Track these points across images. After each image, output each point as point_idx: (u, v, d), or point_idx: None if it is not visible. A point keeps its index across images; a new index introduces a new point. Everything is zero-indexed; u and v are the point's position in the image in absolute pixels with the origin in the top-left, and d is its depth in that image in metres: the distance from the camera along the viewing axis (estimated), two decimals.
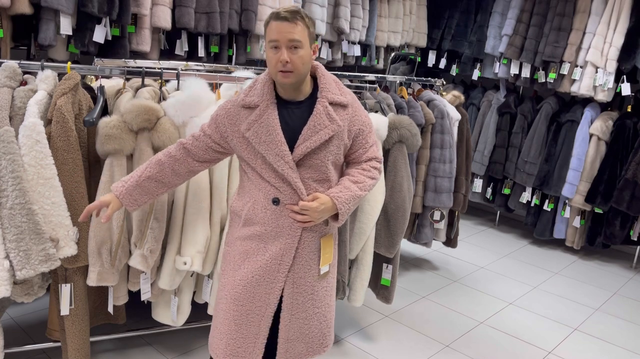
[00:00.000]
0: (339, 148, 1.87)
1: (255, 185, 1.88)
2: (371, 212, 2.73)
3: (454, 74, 5.57)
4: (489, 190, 5.14)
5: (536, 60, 4.68)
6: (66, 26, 3.02)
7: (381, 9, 4.97)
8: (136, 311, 2.88)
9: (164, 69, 2.55)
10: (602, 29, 4.32)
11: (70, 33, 3.06)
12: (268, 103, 1.82)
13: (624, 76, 4.31)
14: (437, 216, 3.50)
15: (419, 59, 5.20)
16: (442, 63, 5.54)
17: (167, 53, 3.75)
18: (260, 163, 1.83)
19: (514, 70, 4.84)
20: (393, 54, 5.02)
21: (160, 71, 2.52)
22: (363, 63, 5.03)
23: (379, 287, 3.04)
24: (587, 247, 4.73)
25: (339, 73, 3.05)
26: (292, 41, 1.72)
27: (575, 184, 4.47)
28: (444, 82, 3.85)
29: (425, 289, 3.81)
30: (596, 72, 4.37)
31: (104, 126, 2.20)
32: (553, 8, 4.62)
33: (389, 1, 5.06)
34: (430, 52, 5.60)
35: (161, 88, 2.52)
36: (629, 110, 4.38)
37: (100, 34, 3.18)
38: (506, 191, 5.00)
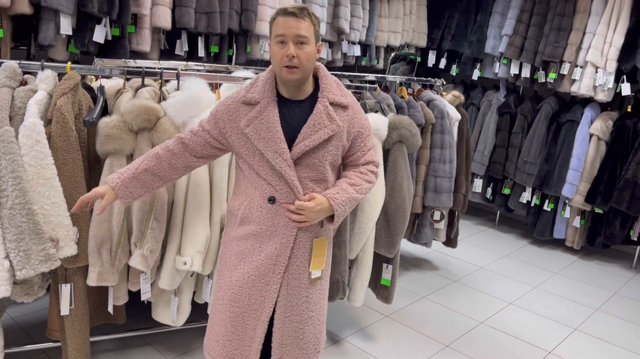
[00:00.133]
0: (338, 149, 1.86)
1: (251, 183, 1.87)
2: (371, 212, 2.73)
3: (454, 74, 5.57)
4: (489, 190, 5.14)
5: (536, 60, 4.68)
6: (66, 26, 3.02)
7: (381, 9, 4.97)
8: (136, 311, 2.88)
9: (164, 69, 2.55)
10: (602, 29, 4.32)
11: (70, 33, 3.06)
12: (269, 100, 1.82)
13: (624, 76, 4.31)
14: (437, 216, 3.50)
15: (419, 59, 5.20)
16: (442, 63, 5.54)
17: (167, 53, 3.75)
18: (257, 160, 1.82)
19: (514, 70, 4.84)
20: (393, 54, 5.02)
21: (160, 71, 2.52)
22: (363, 63, 5.03)
23: (379, 287, 3.04)
24: (587, 247, 4.73)
25: (339, 73, 3.05)
26: (299, 37, 1.73)
27: (575, 184, 4.47)
28: (444, 82, 3.85)
29: (425, 289, 3.81)
30: (596, 72, 4.37)
31: (104, 126, 2.20)
32: (553, 8, 4.62)
33: (389, 1, 5.05)
34: (430, 52, 5.60)
35: (161, 88, 2.52)
36: (629, 110, 4.38)
37: (100, 34, 3.18)
38: (506, 191, 5.00)
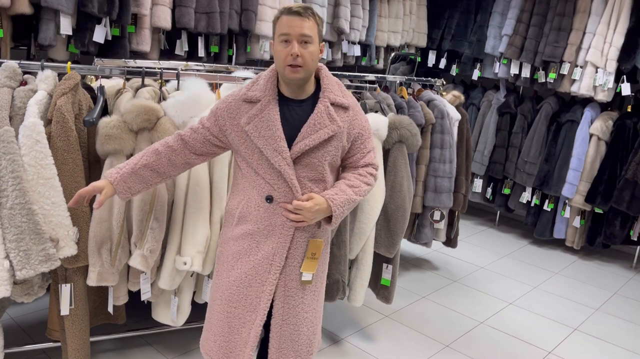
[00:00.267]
0: (337, 149, 1.86)
1: (249, 182, 1.87)
2: (371, 212, 2.73)
3: (454, 74, 5.57)
4: (489, 190, 5.14)
5: (536, 60, 4.68)
6: (66, 26, 3.02)
7: (381, 9, 4.97)
8: (136, 311, 2.88)
9: (164, 69, 2.54)
10: (602, 29, 4.32)
11: (70, 33, 3.06)
12: (270, 99, 1.82)
13: (624, 76, 4.31)
14: (437, 216, 3.50)
15: (419, 59, 5.20)
16: (442, 63, 5.54)
17: (167, 53, 3.75)
18: (256, 158, 1.82)
19: (514, 70, 4.84)
20: (393, 54, 5.02)
21: (160, 71, 2.52)
22: (363, 63, 5.03)
23: (379, 287, 3.04)
24: (587, 247, 4.73)
25: (339, 73, 3.05)
26: (303, 36, 1.73)
27: (575, 184, 4.47)
28: (444, 82, 3.85)
29: (425, 289, 3.81)
30: (596, 72, 4.37)
31: (104, 126, 2.20)
32: (553, 8, 4.62)
33: (389, 1, 5.05)
34: (430, 52, 5.60)
35: (161, 88, 2.52)
36: (629, 110, 4.38)
37: (100, 34, 3.18)
38: (506, 191, 5.00)
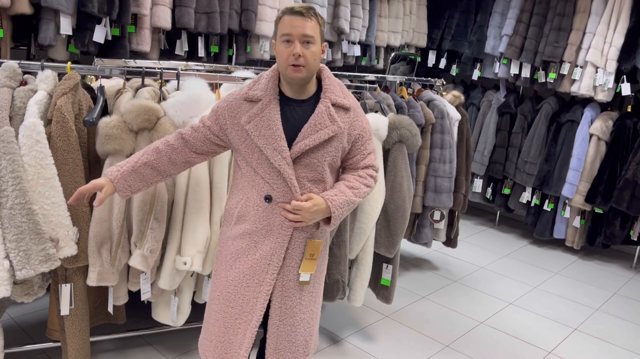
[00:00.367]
0: (337, 150, 1.86)
1: (248, 182, 1.87)
2: (371, 212, 2.73)
3: (454, 74, 5.57)
4: (489, 190, 5.14)
5: (536, 60, 4.68)
6: (66, 26, 3.02)
7: (381, 9, 4.97)
8: (136, 311, 2.88)
9: (164, 69, 2.54)
10: (602, 29, 4.32)
11: (70, 33, 3.06)
12: (271, 98, 1.82)
13: (624, 76, 4.31)
14: (437, 216, 3.50)
15: (419, 59, 5.20)
16: (442, 63, 5.54)
17: (167, 53, 3.75)
18: (256, 157, 1.82)
19: (514, 70, 4.84)
20: (393, 54, 5.02)
21: (160, 71, 2.52)
22: (363, 63, 5.03)
23: (379, 287, 3.04)
24: (587, 247, 4.73)
25: (339, 73, 3.05)
26: (305, 36, 1.73)
27: (575, 184, 4.47)
28: (444, 82, 3.85)
29: (425, 289, 3.81)
30: (596, 72, 4.37)
31: (104, 126, 2.20)
32: (553, 8, 4.62)
33: (389, 1, 5.05)
34: (430, 52, 5.60)
35: (161, 88, 2.52)
36: (629, 110, 4.38)
37: (100, 34, 3.18)
38: (506, 191, 5.00)
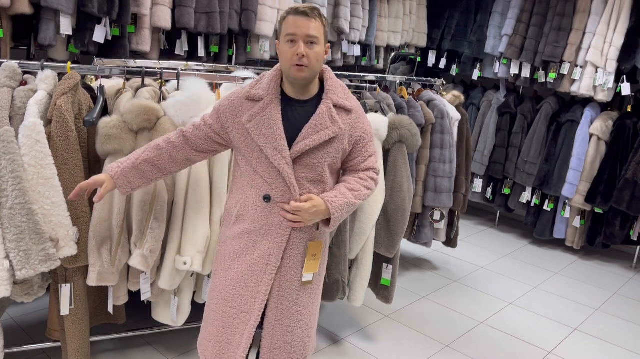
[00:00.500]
0: (338, 151, 1.86)
1: (247, 181, 1.87)
2: (371, 212, 2.73)
3: (454, 74, 5.57)
4: (489, 190, 5.14)
5: (536, 60, 4.68)
6: (66, 26, 3.02)
7: (381, 9, 4.97)
8: (136, 311, 2.88)
9: (164, 69, 2.54)
10: (602, 29, 4.32)
11: (70, 33, 3.06)
12: (273, 98, 1.82)
13: (624, 76, 4.31)
14: (437, 216, 3.50)
15: (419, 59, 5.20)
16: (442, 63, 5.54)
17: (167, 53, 3.75)
18: (256, 157, 1.82)
19: (514, 70, 4.84)
20: (393, 54, 5.02)
21: (160, 71, 2.52)
22: (363, 63, 5.03)
23: (379, 287, 3.04)
24: (587, 247, 4.73)
25: (339, 73, 3.05)
26: (309, 36, 1.73)
27: (575, 184, 4.47)
28: (444, 82, 3.85)
29: (425, 289, 3.81)
30: (596, 72, 4.37)
31: (104, 126, 2.20)
32: (553, 8, 4.62)
33: (389, 1, 5.05)
34: (430, 52, 5.60)
35: (161, 88, 2.52)
36: (629, 110, 4.38)
37: (100, 34, 3.18)
38: (506, 191, 5.00)
